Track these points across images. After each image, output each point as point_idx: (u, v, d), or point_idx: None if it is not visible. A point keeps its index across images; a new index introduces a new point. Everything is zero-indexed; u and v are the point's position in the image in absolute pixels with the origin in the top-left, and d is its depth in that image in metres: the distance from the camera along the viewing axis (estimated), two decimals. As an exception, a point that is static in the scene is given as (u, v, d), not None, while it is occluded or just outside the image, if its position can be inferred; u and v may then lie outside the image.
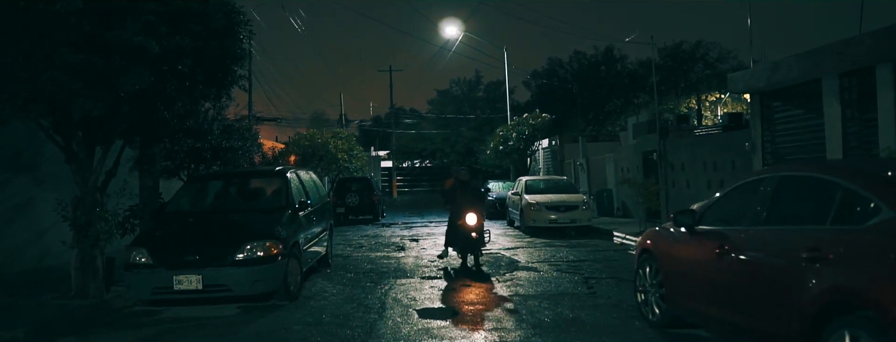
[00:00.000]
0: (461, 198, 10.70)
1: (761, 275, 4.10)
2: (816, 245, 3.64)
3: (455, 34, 30.14)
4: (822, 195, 3.86)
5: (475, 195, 11.01)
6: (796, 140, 11.97)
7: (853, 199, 3.60)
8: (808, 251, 3.66)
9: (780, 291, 3.90)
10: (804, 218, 4.02)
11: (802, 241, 3.77)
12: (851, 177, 3.70)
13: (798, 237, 3.86)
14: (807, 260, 3.66)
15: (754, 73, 12.73)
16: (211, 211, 8.81)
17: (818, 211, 3.85)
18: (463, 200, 10.66)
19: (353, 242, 14.84)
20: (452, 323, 6.56)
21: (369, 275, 9.85)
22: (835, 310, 3.38)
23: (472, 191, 10.97)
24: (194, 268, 7.13)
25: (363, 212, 21.76)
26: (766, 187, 4.45)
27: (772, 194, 4.34)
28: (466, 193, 10.76)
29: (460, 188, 10.83)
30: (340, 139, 26.25)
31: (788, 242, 3.95)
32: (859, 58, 9.94)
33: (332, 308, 7.44)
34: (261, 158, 16.46)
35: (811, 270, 3.61)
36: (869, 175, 3.71)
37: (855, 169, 3.93)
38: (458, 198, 10.73)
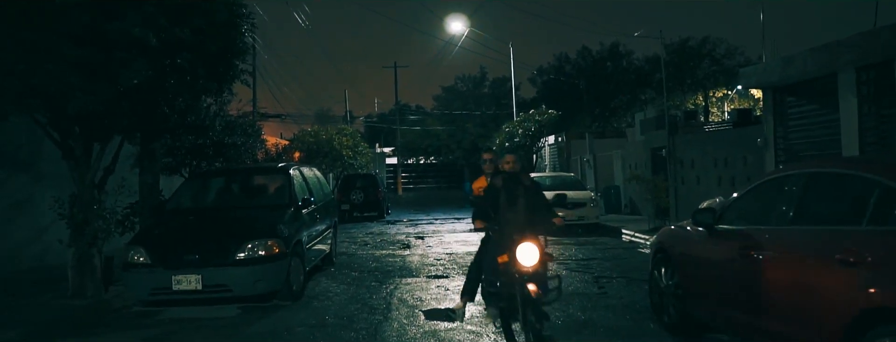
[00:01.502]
0: (508, 209, 5.54)
1: (790, 277, 3.87)
2: (853, 246, 3.40)
3: (460, 30, 29.88)
4: (857, 193, 3.63)
5: (533, 203, 5.64)
6: (810, 136, 11.70)
7: (894, 198, 3.36)
8: (843, 253, 3.43)
9: (810, 295, 3.67)
10: (837, 217, 3.78)
11: (836, 243, 3.53)
12: (891, 174, 3.46)
13: (831, 238, 3.63)
14: (842, 262, 3.43)
15: (767, 67, 12.46)
16: (212, 208, 8.61)
17: (853, 210, 3.61)
18: (511, 215, 5.51)
19: (357, 240, 14.64)
20: (460, 324, 6.34)
21: (374, 273, 9.64)
22: (876, 317, 3.14)
23: (527, 197, 5.61)
24: (193, 268, 6.93)
25: (368, 209, 21.56)
26: (793, 184, 4.21)
27: (799, 192, 4.10)
28: (517, 200, 5.57)
29: (506, 191, 5.60)
30: (345, 136, 26.08)
31: (820, 243, 3.71)
32: (878, 51, 9.66)
33: (335, 308, 7.23)
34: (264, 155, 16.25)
35: (848, 273, 3.38)
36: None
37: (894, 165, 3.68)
38: (502, 211, 5.56)
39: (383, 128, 47.88)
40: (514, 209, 5.48)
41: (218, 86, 8.99)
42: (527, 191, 5.57)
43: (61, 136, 7.52)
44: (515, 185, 5.56)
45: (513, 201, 5.49)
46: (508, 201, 5.49)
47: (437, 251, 12.21)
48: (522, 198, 5.51)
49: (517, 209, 5.48)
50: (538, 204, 5.62)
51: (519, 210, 5.47)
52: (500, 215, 5.48)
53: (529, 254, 5.04)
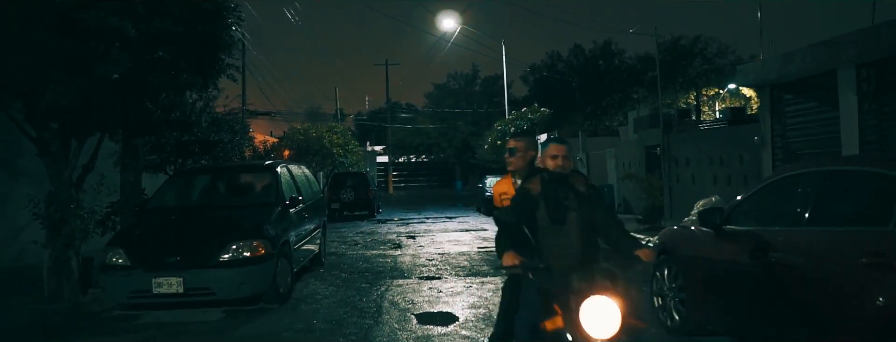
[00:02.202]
0: (555, 233, 3.59)
1: (808, 281, 3.62)
2: (879, 249, 3.16)
3: (452, 27, 29.59)
4: (881, 193, 3.39)
5: (597, 223, 3.65)
6: (809, 134, 11.50)
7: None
8: (868, 256, 3.19)
9: (830, 300, 3.44)
10: (858, 218, 3.54)
11: (860, 245, 3.30)
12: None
13: (854, 240, 3.39)
14: (867, 266, 3.19)
15: (765, 64, 12.26)
16: (195, 207, 8.29)
17: (877, 211, 3.37)
18: (562, 243, 3.58)
19: (347, 239, 14.35)
20: (454, 329, 6.08)
21: (364, 275, 9.36)
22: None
23: (586, 212, 3.63)
24: (175, 270, 6.62)
25: (358, 208, 21.27)
26: (809, 183, 3.97)
27: (816, 191, 3.86)
28: (569, 218, 3.60)
29: (551, 203, 3.61)
30: (336, 134, 25.80)
31: (841, 246, 3.47)
32: (879, 48, 9.46)
33: (324, 312, 6.95)
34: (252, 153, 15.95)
35: (873, 279, 3.13)
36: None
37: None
38: (544, 236, 3.62)
39: (374, 126, 47.54)
40: (565, 233, 3.49)
41: (203, 81, 8.68)
42: (585, 204, 3.53)
43: (37, 131, 7.19)
44: (565, 194, 3.54)
45: (561, 219, 3.48)
46: (554, 219, 3.47)
47: (429, 251, 11.94)
48: (577, 215, 3.51)
49: (569, 233, 3.50)
50: (606, 224, 3.54)
51: (572, 235, 3.49)
52: (541, 244, 3.50)
53: (604, 317, 2.98)
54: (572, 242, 3.54)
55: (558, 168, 3.61)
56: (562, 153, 3.62)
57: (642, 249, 3.39)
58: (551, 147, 3.66)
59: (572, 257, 3.50)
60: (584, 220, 3.56)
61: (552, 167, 3.62)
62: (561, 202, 3.55)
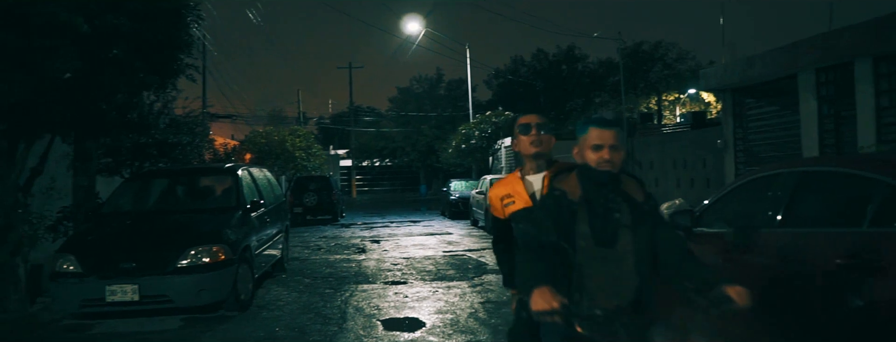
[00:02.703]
0: (598, 261, 2.41)
1: (782, 283, 3.57)
2: (854, 251, 3.12)
3: (417, 30, 29.48)
4: (855, 193, 3.36)
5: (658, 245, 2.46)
6: (769, 137, 11.68)
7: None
8: (843, 258, 3.15)
9: (803, 302, 3.39)
10: (832, 220, 3.50)
11: (834, 246, 3.25)
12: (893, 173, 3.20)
13: (827, 241, 3.35)
14: (842, 268, 3.14)
15: (727, 68, 12.41)
16: (152, 212, 7.99)
17: (851, 211, 3.34)
18: (607, 272, 2.41)
19: (310, 244, 14.08)
20: (421, 335, 5.94)
21: (328, 280, 9.15)
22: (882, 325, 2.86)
23: (643, 230, 2.44)
24: (130, 277, 6.34)
25: (322, 213, 20.97)
26: (781, 184, 3.93)
27: (788, 192, 3.82)
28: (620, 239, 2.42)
29: (595, 215, 2.43)
30: (298, 137, 25.47)
31: (815, 247, 3.43)
32: (838, 52, 9.63)
33: (287, 319, 6.74)
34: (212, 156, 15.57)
35: (848, 280, 3.09)
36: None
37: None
38: (582, 261, 2.41)
39: (337, 129, 47.08)
40: (615, 260, 2.40)
41: (160, 81, 8.41)
42: (643, 219, 2.44)
43: (-21, 132, 6.85)
44: (617, 203, 2.44)
45: (611, 239, 2.40)
46: (601, 239, 2.40)
47: (393, 255, 11.77)
48: (632, 235, 2.41)
49: (622, 260, 2.40)
50: (669, 249, 2.45)
51: (626, 263, 2.40)
52: (583, 274, 2.39)
53: None
54: (625, 274, 2.39)
55: (605, 165, 2.41)
56: (609, 141, 2.41)
57: (733, 286, 2.23)
58: (592, 132, 2.44)
59: (625, 296, 2.38)
60: (641, 243, 2.41)
61: (595, 163, 2.42)
62: (611, 214, 2.41)
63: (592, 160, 2.45)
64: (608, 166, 2.43)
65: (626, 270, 2.41)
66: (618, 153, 2.44)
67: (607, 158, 2.42)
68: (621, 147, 2.45)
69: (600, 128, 2.46)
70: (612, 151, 2.42)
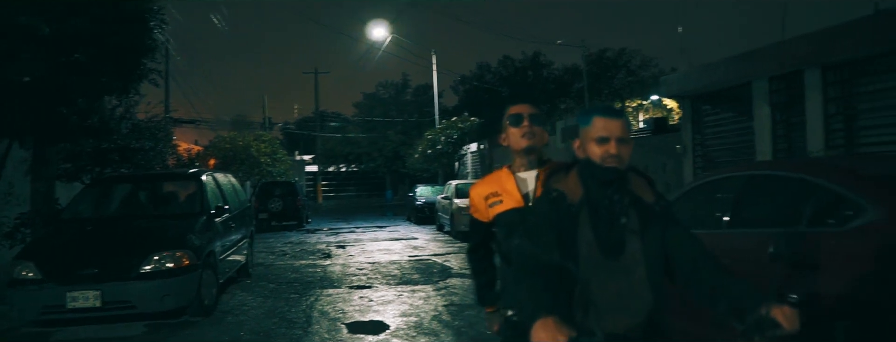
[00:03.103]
0: (604, 274, 2.05)
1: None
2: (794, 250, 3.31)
3: (383, 36, 29.56)
4: (795, 195, 3.55)
5: (672, 255, 2.09)
6: (726, 142, 12.02)
7: (833, 200, 3.29)
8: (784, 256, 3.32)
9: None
10: (776, 220, 3.69)
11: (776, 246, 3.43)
12: (829, 176, 3.40)
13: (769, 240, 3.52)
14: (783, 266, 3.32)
15: (686, 76, 12.76)
16: (114, 218, 7.93)
17: (792, 213, 3.53)
18: (613, 287, 2.05)
19: (276, 249, 14.03)
20: (385, 337, 6.01)
21: (293, 285, 9.16)
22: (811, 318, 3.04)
23: (655, 237, 2.09)
24: (91, 283, 6.29)
25: (287, 218, 20.87)
26: (730, 187, 4.13)
27: (737, 195, 4.02)
28: (627, 247, 2.07)
29: (599, 220, 2.09)
30: (263, 142, 25.32)
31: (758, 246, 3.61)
32: (790, 61, 9.99)
33: (251, 323, 6.76)
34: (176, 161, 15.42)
35: (787, 277, 3.27)
36: (849, 173, 3.41)
37: (833, 167, 3.64)
38: (587, 276, 2.04)
39: (303, 135, 46.83)
40: (622, 272, 2.07)
41: (123, 85, 8.36)
42: (654, 225, 2.10)
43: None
44: (623, 206, 2.11)
45: (617, 248, 2.08)
46: (607, 248, 2.07)
47: (359, 260, 11.81)
48: (642, 242, 2.08)
49: (630, 272, 2.07)
50: (689, 259, 2.07)
51: (635, 275, 2.06)
52: (587, 289, 2.04)
53: None
54: (635, 288, 2.04)
55: (612, 160, 2.07)
56: (616, 133, 2.08)
57: (779, 306, 1.80)
58: (597, 123, 2.11)
59: (637, 314, 2.04)
60: (652, 251, 2.07)
61: (600, 158, 2.08)
62: (617, 218, 2.09)
63: (597, 155, 2.07)
64: (615, 162, 2.06)
65: (636, 283, 2.03)
66: (626, 147, 2.09)
67: (614, 153, 2.06)
68: (630, 140, 2.11)
69: (606, 117, 2.11)
70: (619, 145, 2.06)
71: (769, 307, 1.80)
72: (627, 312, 2.03)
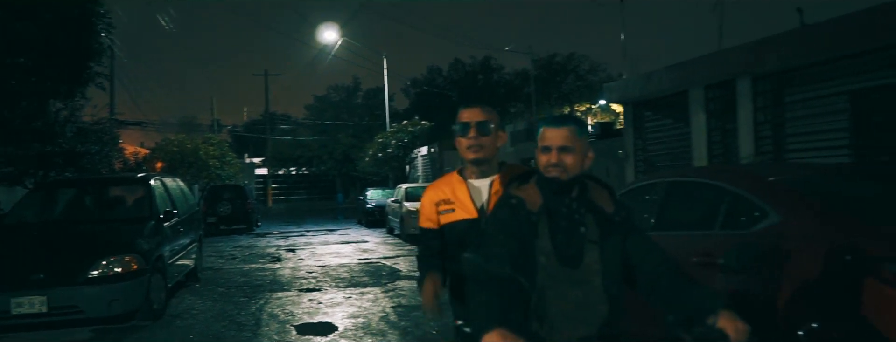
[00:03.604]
0: (563, 283, 2.07)
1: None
2: (706, 250, 3.63)
3: (334, 39, 29.55)
4: (711, 200, 3.88)
5: (631, 261, 2.13)
6: (667, 147, 12.53)
7: (741, 204, 3.63)
8: (698, 256, 3.65)
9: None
10: (694, 223, 4.02)
11: (693, 246, 3.75)
12: (738, 182, 3.74)
13: (688, 242, 3.85)
14: (697, 265, 3.64)
15: (628, 83, 13.25)
16: (61, 222, 7.87)
17: (708, 216, 3.86)
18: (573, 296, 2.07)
19: (225, 253, 13.98)
20: (333, 338, 6.18)
21: (242, 288, 9.22)
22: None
23: (614, 246, 2.11)
24: (37, 289, 6.26)
25: (236, 222, 20.73)
26: (655, 193, 4.45)
27: (660, 200, 4.34)
28: (585, 257, 2.09)
29: (556, 230, 2.11)
30: (212, 145, 25.04)
31: (679, 247, 3.92)
32: (723, 71, 10.52)
33: (200, 327, 6.83)
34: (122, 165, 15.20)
35: (702, 275, 3.58)
36: (755, 180, 3.75)
37: (742, 174, 3.98)
38: (545, 285, 2.06)
39: (252, 137, 46.34)
40: (579, 282, 2.08)
41: (69, 89, 8.32)
42: (613, 234, 2.12)
43: None
44: (581, 215, 2.13)
45: (576, 259, 2.09)
46: (565, 258, 2.08)
47: (309, 263, 11.89)
48: (601, 253, 2.10)
49: (588, 282, 2.08)
50: (649, 269, 2.09)
51: (592, 285, 2.08)
52: (544, 298, 2.04)
53: None
54: (592, 298, 2.06)
55: (553, 170, 2.08)
56: (556, 142, 2.08)
57: (729, 318, 1.84)
58: (543, 132, 2.12)
59: (592, 324, 2.05)
60: (610, 261, 2.09)
61: (542, 167, 2.11)
62: (576, 228, 2.10)
63: (541, 164, 2.09)
64: (556, 171, 2.06)
65: (592, 294, 2.05)
66: (569, 156, 2.06)
67: (554, 162, 2.06)
68: (577, 149, 2.07)
69: (550, 127, 2.11)
70: (560, 154, 2.06)
71: (718, 318, 1.82)
72: (583, 322, 2.03)
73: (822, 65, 8.75)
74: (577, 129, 2.10)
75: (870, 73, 8.06)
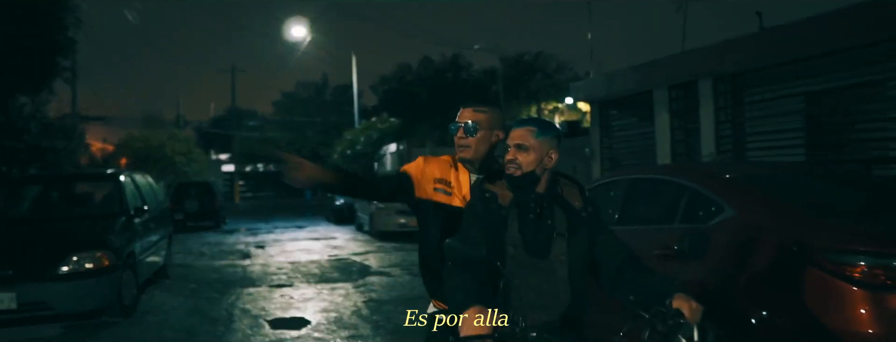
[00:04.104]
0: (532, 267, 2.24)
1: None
2: (667, 243, 3.83)
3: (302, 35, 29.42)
4: (670, 196, 4.09)
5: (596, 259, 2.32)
6: (631, 146, 12.84)
7: (699, 200, 3.84)
8: (659, 249, 3.85)
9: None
10: (655, 218, 4.23)
11: (654, 240, 3.96)
12: (696, 179, 3.95)
13: (649, 236, 4.05)
14: (658, 257, 3.84)
15: (594, 83, 13.53)
16: (29, 218, 7.83)
17: (668, 211, 4.07)
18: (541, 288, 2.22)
19: (193, 250, 13.92)
20: (307, 332, 6.28)
21: (213, 285, 9.25)
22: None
23: (581, 242, 2.29)
24: (6, 285, 6.24)
25: (203, 219, 20.59)
26: (618, 189, 4.65)
27: (623, 196, 4.55)
28: (556, 244, 2.25)
29: (529, 217, 2.27)
30: (178, 141, 24.81)
31: (641, 241, 4.12)
32: (686, 71, 10.84)
33: (173, 322, 6.87)
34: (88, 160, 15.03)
35: (662, 267, 3.78)
36: (711, 176, 3.97)
37: (699, 171, 4.21)
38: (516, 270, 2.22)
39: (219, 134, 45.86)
40: (546, 272, 2.24)
41: (36, 84, 8.26)
42: (580, 229, 2.30)
43: None
44: (549, 210, 2.29)
45: (544, 250, 2.24)
46: (534, 249, 2.24)
47: (279, 260, 11.94)
48: (567, 245, 2.25)
49: (554, 273, 2.25)
50: (611, 261, 2.29)
51: (558, 275, 2.24)
52: (511, 286, 2.18)
53: None
54: (556, 288, 2.22)
55: (509, 167, 2.26)
56: (514, 140, 2.27)
57: (684, 299, 2.03)
58: (510, 131, 2.34)
59: (554, 310, 2.20)
60: (576, 253, 2.26)
61: (505, 163, 2.29)
62: (543, 221, 2.25)
63: (513, 162, 2.24)
64: (511, 168, 2.23)
65: (557, 284, 2.20)
66: (524, 154, 2.22)
67: (510, 158, 2.24)
68: (534, 149, 2.22)
69: (514, 126, 2.30)
70: (517, 151, 2.23)
71: (674, 299, 2.00)
72: (546, 310, 2.16)
73: (779, 67, 9.09)
74: (537, 130, 2.26)
75: (822, 75, 8.42)
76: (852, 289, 2.89)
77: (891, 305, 2.84)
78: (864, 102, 8.15)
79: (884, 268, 2.87)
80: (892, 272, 2.86)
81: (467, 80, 41.91)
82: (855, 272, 2.89)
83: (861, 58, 7.88)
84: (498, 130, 2.57)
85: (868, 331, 2.83)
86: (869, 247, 2.94)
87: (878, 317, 2.83)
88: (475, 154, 2.55)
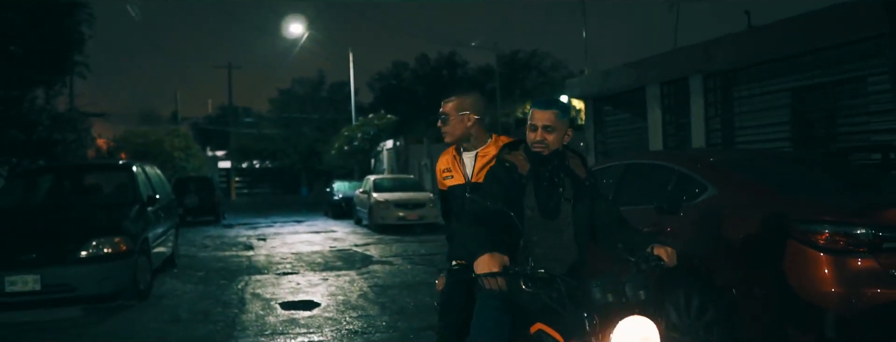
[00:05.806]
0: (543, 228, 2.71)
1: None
2: (657, 220, 4.20)
3: (299, 32, 29.70)
4: (661, 178, 4.45)
5: (596, 218, 2.78)
6: (624, 140, 13.23)
7: (685, 181, 4.21)
8: (650, 226, 4.21)
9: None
10: (647, 198, 4.59)
11: (646, 218, 4.31)
12: (683, 162, 4.32)
13: (642, 215, 4.40)
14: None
15: (588, 79, 13.89)
16: (48, 207, 8.14)
17: (658, 192, 4.43)
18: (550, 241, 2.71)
19: (197, 243, 14.22)
20: (318, 312, 6.62)
21: (221, 272, 9.57)
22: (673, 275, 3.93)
23: (584, 205, 2.75)
24: (31, 268, 6.56)
25: (203, 213, 20.88)
26: (614, 173, 5.01)
27: (618, 179, 4.91)
28: (561, 210, 2.73)
29: (540, 188, 2.72)
30: (177, 137, 25.09)
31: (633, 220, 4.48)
32: (677, 69, 11.22)
33: (187, 305, 7.19)
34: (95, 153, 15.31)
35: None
36: (697, 160, 4.34)
37: (686, 155, 4.57)
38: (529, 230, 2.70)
39: (216, 130, 46.06)
40: (556, 230, 2.68)
41: (51, 77, 8.56)
42: (584, 195, 2.72)
43: None
44: (560, 179, 2.70)
45: (554, 212, 2.67)
46: (546, 211, 2.67)
47: (282, 251, 12.26)
48: (573, 208, 2.69)
49: (562, 230, 2.69)
50: (607, 221, 2.72)
51: (566, 233, 2.69)
52: (529, 241, 2.65)
53: None
54: (565, 243, 2.67)
55: (538, 146, 2.63)
56: (542, 122, 2.61)
57: (662, 247, 2.46)
58: (532, 113, 2.67)
59: (564, 262, 2.65)
60: (580, 215, 2.69)
61: (530, 142, 2.66)
62: (555, 189, 2.67)
63: (529, 140, 2.65)
64: (540, 147, 2.62)
65: (566, 240, 2.66)
66: (552, 135, 2.59)
67: (538, 139, 2.61)
68: (558, 129, 2.60)
69: (538, 109, 2.64)
70: (545, 132, 2.59)
71: (655, 247, 2.46)
72: (557, 262, 2.60)
73: (766, 64, 9.48)
74: (560, 112, 2.64)
75: (807, 72, 8.81)
76: (818, 255, 3.26)
77: (850, 267, 3.22)
78: (848, 98, 8.54)
79: (844, 234, 3.24)
80: (852, 238, 3.24)
81: (463, 77, 42.28)
82: (820, 239, 3.27)
83: (844, 55, 8.28)
84: (469, 112, 3.09)
85: (831, 290, 3.21)
86: (832, 216, 3.32)
87: (839, 278, 3.21)
88: (455, 136, 3.13)
